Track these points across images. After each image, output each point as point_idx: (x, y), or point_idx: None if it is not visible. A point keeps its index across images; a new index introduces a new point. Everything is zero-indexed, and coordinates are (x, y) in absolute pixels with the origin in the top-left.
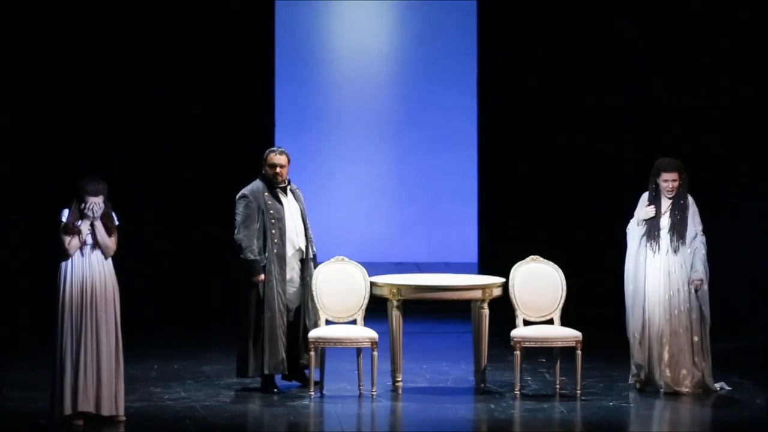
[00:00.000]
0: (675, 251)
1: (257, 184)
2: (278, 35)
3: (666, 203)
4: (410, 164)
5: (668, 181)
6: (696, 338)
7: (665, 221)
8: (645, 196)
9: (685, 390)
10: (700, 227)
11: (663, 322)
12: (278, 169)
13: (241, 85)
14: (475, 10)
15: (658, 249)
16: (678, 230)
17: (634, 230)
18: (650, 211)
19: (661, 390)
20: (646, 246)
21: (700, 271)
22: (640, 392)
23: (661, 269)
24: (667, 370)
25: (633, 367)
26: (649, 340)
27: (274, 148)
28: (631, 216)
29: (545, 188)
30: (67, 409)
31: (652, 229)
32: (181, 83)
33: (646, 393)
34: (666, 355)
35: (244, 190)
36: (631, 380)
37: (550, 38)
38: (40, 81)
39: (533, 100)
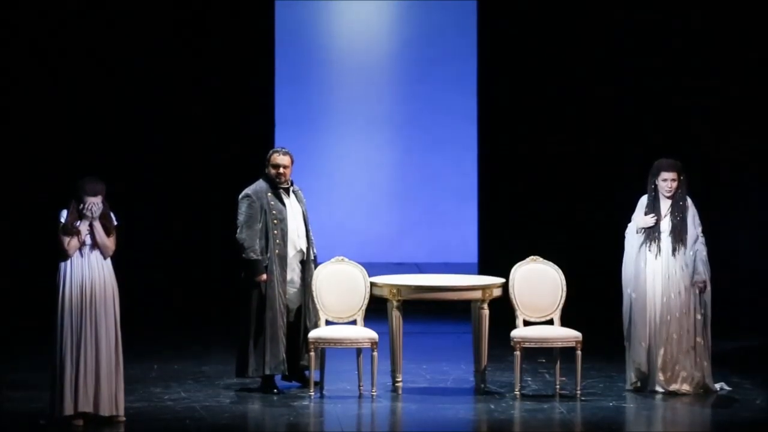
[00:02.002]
0: (675, 253)
1: (260, 184)
2: (278, 35)
3: (666, 205)
4: (410, 164)
5: (667, 180)
6: (699, 339)
7: (666, 224)
8: (644, 199)
9: (684, 390)
10: (699, 229)
11: (661, 324)
12: (281, 170)
13: (241, 85)
14: (475, 10)
15: (659, 251)
16: (678, 232)
17: (633, 236)
18: (650, 221)
19: (660, 391)
20: (647, 249)
21: (702, 272)
22: (639, 393)
23: (661, 272)
24: (660, 374)
25: (632, 375)
26: (649, 343)
27: (278, 149)
28: (630, 219)
29: (545, 188)
30: (67, 409)
31: (652, 232)
32: (181, 83)
33: (645, 394)
34: (660, 359)
35: (247, 190)
36: (629, 386)
37: (550, 38)
38: (41, 81)
39: (533, 100)
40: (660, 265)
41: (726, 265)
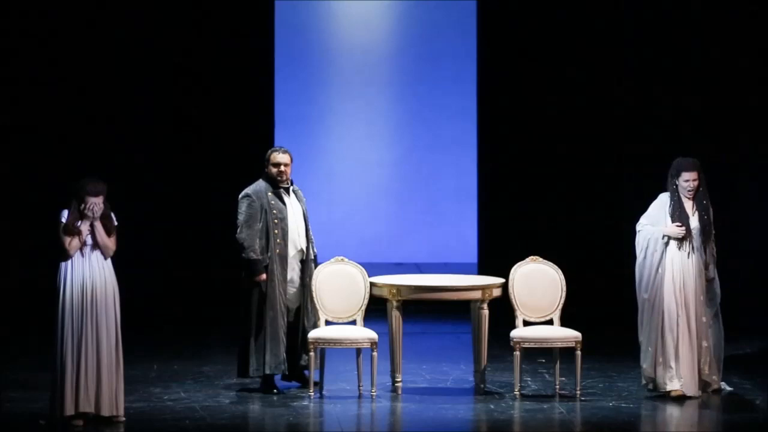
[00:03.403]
0: (702, 252)
1: (260, 184)
2: (278, 35)
3: (689, 204)
4: (410, 164)
5: (689, 180)
6: (710, 339)
7: (694, 222)
8: (663, 197)
9: (707, 390)
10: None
11: (694, 323)
12: (282, 167)
13: (241, 85)
14: (475, 10)
15: (692, 250)
16: (707, 231)
17: (652, 240)
18: (681, 231)
19: (681, 393)
20: (674, 250)
21: (711, 270)
22: (654, 393)
23: (689, 271)
24: (690, 373)
25: (643, 379)
26: (672, 346)
27: (277, 148)
28: (640, 214)
29: (545, 188)
30: (68, 410)
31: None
32: (181, 83)
33: (647, 393)
34: (688, 359)
35: (247, 190)
36: (644, 383)
37: (550, 38)
38: (41, 81)
39: (533, 100)
40: (690, 264)
41: (725, 266)
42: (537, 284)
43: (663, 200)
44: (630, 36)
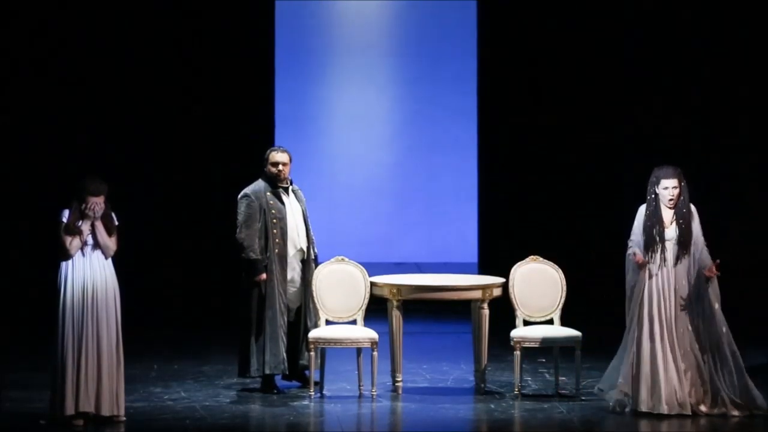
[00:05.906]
0: (679, 263)
1: (259, 183)
2: (278, 34)
3: (668, 214)
4: (410, 164)
5: (668, 188)
6: (706, 355)
7: (671, 232)
8: (642, 209)
9: (703, 409)
10: (702, 238)
11: (672, 340)
12: (280, 167)
13: (241, 84)
14: (475, 10)
15: (664, 262)
16: (684, 241)
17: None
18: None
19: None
20: (649, 263)
21: (708, 264)
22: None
23: (669, 284)
24: (693, 396)
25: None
26: (658, 363)
27: (276, 147)
28: (629, 228)
29: (545, 188)
30: (69, 410)
31: (657, 243)
32: (180, 82)
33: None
34: (689, 378)
35: (246, 190)
36: (611, 403)
37: (550, 38)
38: (40, 81)
39: (533, 100)
40: (666, 277)
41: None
42: (537, 284)
43: (641, 212)
44: (631, 36)
